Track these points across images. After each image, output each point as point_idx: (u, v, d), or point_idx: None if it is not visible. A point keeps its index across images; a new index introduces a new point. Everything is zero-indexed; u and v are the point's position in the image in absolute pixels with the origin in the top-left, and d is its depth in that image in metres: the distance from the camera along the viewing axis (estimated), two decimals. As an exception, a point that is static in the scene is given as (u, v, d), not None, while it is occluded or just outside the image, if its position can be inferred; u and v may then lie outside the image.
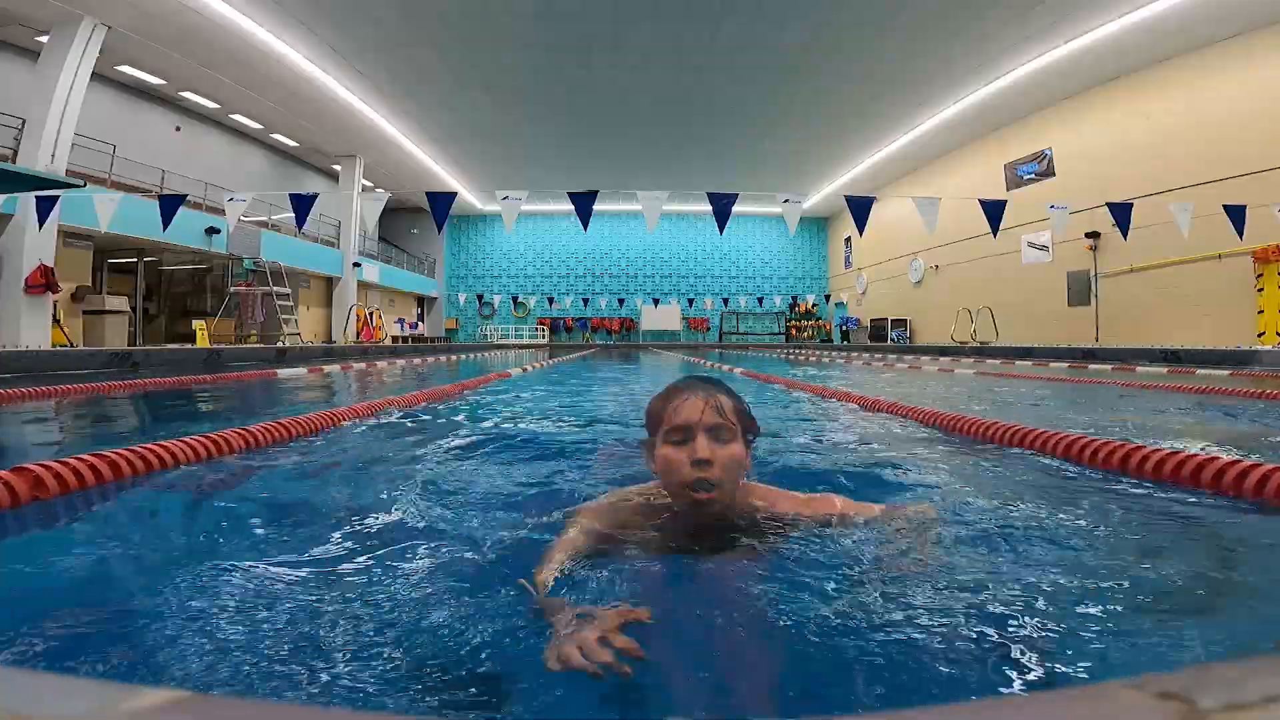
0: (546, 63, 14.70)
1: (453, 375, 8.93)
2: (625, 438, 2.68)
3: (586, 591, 1.10)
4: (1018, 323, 17.43)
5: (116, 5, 11.47)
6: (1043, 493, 1.89)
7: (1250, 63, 11.75)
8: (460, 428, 3.30)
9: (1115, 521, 1.56)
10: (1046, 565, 1.25)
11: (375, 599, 1.11)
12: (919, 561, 1.23)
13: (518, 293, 31.21)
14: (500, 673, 0.89)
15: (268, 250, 17.06)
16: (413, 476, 2.05)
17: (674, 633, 0.97)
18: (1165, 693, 0.29)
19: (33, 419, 4.03)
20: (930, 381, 7.40)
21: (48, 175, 9.98)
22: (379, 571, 1.25)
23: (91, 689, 0.36)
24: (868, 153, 21.46)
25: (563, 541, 1.25)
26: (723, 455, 1.24)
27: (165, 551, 1.40)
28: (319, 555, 1.34)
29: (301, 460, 2.43)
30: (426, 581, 1.20)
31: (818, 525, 1.36)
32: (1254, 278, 11.57)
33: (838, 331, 28.55)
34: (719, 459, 1.24)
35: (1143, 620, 1.03)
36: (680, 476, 1.24)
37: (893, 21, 12.49)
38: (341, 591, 1.15)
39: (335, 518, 1.63)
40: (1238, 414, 3.85)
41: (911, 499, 1.77)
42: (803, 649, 0.93)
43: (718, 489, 1.24)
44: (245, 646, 0.93)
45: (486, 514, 1.65)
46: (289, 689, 0.83)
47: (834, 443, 2.84)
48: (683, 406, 1.27)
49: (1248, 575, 1.29)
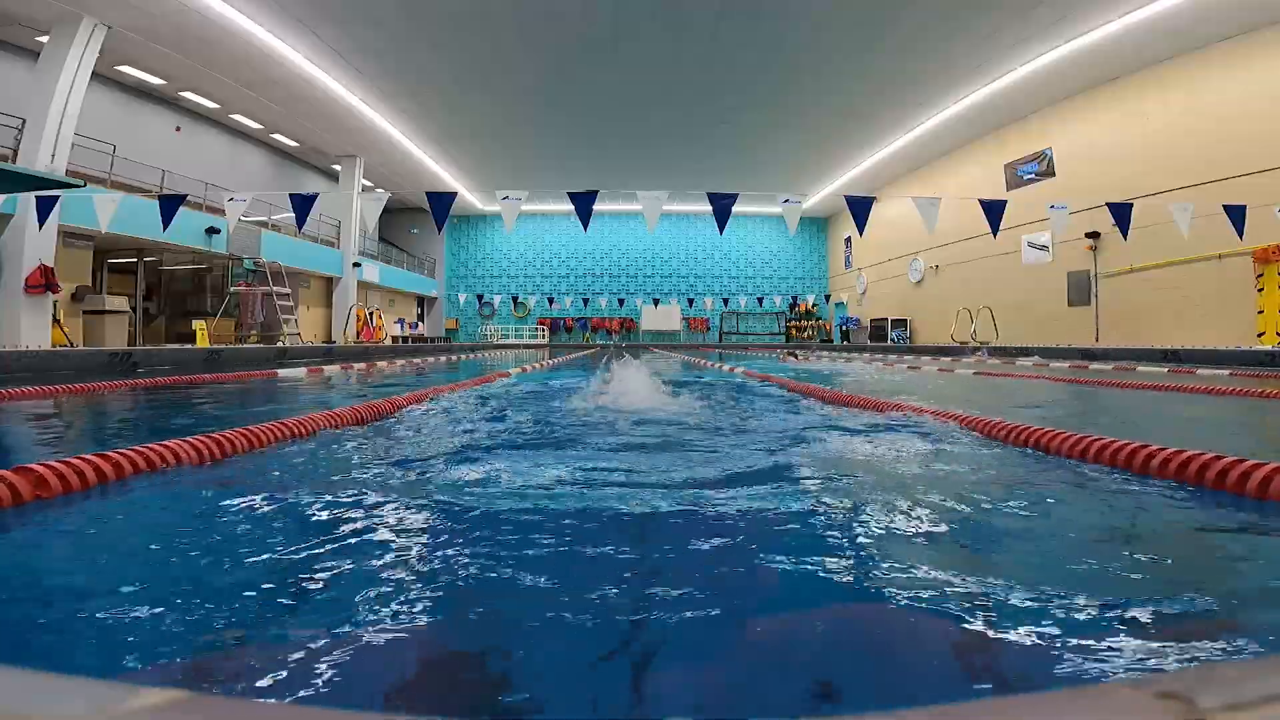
0: (547, 63, 14.70)
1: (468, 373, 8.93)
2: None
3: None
4: (1018, 323, 17.43)
5: (116, 5, 11.47)
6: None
7: (1250, 63, 11.75)
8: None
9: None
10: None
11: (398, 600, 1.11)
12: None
13: (518, 293, 31.21)
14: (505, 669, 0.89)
15: (268, 250, 17.06)
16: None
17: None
18: (1165, 693, 0.29)
19: (33, 419, 4.03)
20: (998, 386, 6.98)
21: (48, 175, 9.98)
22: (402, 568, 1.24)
23: (91, 689, 0.36)
24: (868, 153, 21.45)
25: None
26: None
27: (165, 551, 1.40)
28: (319, 554, 1.34)
29: (300, 460, 2.42)
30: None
31: None
32: (1254, 278, 11.58)
33: (838, 331, 28.55)
34: None
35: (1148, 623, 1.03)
36: None
37: (893, 21, 12.49)
38: (345, 590, 1.15)
39: (336, 518, 1.63)
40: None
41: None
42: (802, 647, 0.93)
43: None
44: (245, 646, 0.93)
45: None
46: (287, 690, 0.83)
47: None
48: None
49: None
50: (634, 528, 1.55)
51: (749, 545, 1.41)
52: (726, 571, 1.26)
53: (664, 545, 1.43)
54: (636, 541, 1.44)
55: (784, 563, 1.27)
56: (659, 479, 2.03)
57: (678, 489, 1.89)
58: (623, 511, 1.66)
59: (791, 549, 1.36)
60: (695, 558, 1.33)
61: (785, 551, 1.34)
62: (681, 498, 1.78)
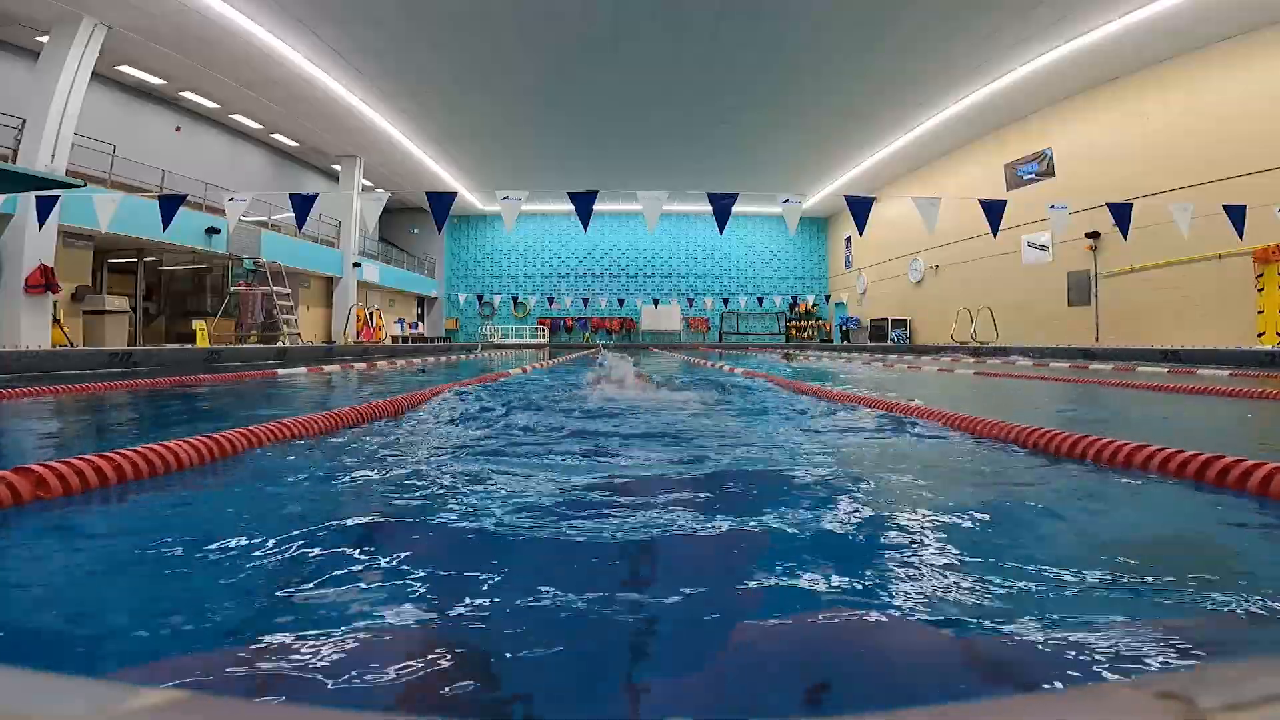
0: (547, 63, 14.70)
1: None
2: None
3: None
4: (1018, 323, 17.43)
5: (116, 5, 11.47)
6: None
7: (1250, 63, 11.75)
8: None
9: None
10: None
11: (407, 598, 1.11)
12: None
13: (518, 293, 31.21)
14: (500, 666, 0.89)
15: (268, 250, 17.06)
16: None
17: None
18: (1165, 693, 0.29)
19: (33, 419, 4.03)
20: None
21: (48, 175, 9.98)
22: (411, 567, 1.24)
23: (91, 689, 0.36)
24: (868, 153, 21.46)
25: None
26: None
27: (168, 551, 1.40)
28: (321, 552, 1.33)
29: (298, 460, 2.42)
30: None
31: None
32: (1254, 278, 11.57)
33: (838, 331, 28.55)
34: None
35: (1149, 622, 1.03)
36: None
37: (893, 21, 12.49)
38: (348, 594, 1.14)
39: (340, 517, 1.63)
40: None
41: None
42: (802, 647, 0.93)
43: None
44: (246, 647, 0.93)
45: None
46: (287, 690, 0.83)
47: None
48: None
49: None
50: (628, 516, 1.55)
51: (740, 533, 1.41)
52: (722, 565, 1.26)
53: (660, 531, 1.43)
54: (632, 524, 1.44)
55: (779, 557, 1.27)
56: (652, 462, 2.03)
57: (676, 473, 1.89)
58: (617, 502, 1.66)
59: (782, 539, 1.36)
60: (692, 551, 1.33)
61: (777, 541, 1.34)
62: (677, 485, 1.78)
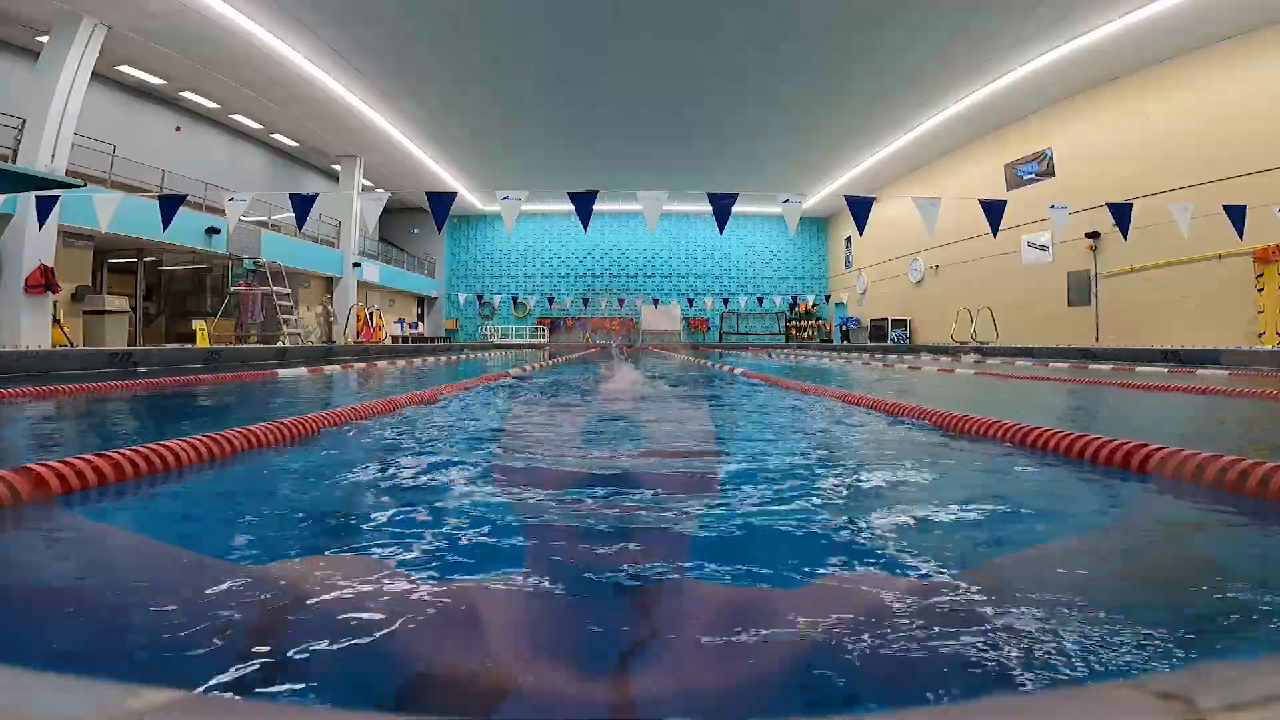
0: (547, 62, 14.70)
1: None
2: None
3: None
4: (1018, 323, 17.42)
5: (116, 5, 11.47)
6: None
7: (1250, 63, 11.75)
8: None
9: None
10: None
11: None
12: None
13: (518, 293, 31.21)
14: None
15: (268, 250, 17.06)
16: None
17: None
18: (1165, 693, 0.29)
19: (33, 419, 4.03)
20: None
21: (48, 175, 9.98)
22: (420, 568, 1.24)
23: (91, 689, 0.36)
24: (868, 153, 21.45)
25: None
26: None
27: (167, 550, 1.40)
28: (319, 553, 1.33)
29: (297, 459, 2.43)
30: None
31: None
32: (1254, 277, 11.57)
33: (838, 331, 28.54)
34: None
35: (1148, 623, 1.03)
36: None
37: (893, 21, 12.48)
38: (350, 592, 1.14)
39: (339, 517, 1.63)
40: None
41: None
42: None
43: None
44: (247, 646, 0.93)
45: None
46: (285, 691, 0.83)
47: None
48: None
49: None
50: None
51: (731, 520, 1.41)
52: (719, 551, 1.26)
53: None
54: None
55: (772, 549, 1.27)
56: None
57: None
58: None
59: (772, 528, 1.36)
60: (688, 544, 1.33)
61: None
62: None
